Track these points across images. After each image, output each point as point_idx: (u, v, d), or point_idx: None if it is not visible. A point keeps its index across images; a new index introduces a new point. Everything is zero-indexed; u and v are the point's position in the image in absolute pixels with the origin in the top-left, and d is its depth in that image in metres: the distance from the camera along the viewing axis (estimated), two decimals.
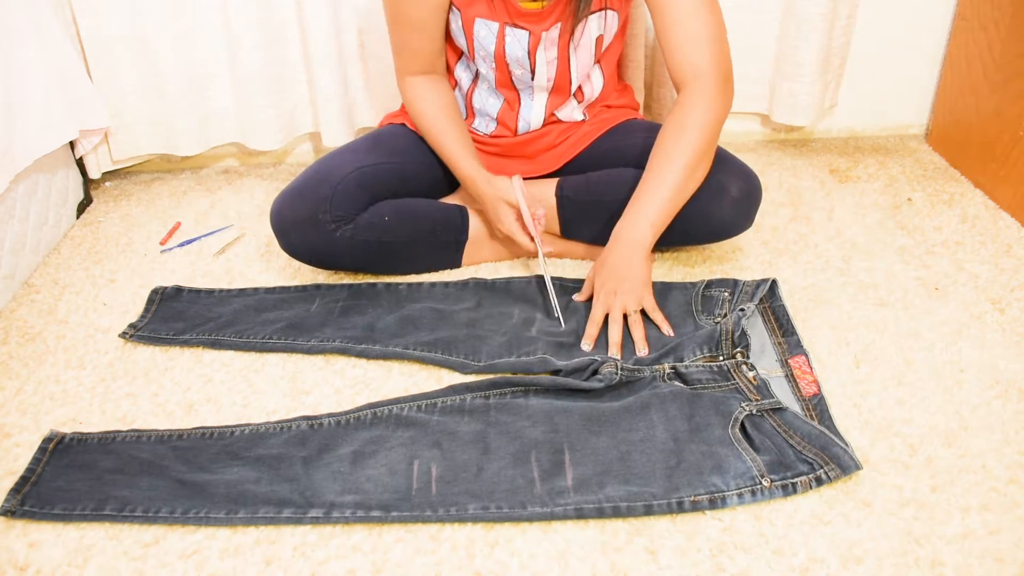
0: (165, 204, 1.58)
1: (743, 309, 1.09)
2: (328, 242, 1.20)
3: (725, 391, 1.01)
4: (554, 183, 1.29)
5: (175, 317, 1.21)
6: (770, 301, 1.16)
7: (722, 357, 1.06)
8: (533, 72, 1.22)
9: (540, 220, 1.20)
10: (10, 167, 1.26)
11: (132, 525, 0.88)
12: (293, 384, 1.08)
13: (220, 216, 1.53)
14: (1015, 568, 0.80)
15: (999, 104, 1.46)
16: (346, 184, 1.20)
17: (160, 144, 1.60)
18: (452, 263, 1.31)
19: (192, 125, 1.58)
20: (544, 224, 1.22)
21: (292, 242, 1.22)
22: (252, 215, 1.52)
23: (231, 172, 1.71)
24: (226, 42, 1.50)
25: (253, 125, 1.58)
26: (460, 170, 1.24)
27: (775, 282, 1.18)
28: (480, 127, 1.32)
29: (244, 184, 1.65)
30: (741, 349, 1.06)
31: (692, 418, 0.96)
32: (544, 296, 1.21)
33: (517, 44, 1.18)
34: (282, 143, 1.61)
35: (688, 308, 1.17)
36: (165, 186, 1.65)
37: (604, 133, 1.33)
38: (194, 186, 1.65)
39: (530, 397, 1.02)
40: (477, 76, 1.27)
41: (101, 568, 0.84)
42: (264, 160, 1.74)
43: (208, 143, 1.62)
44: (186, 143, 1.59)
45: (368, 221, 1.21)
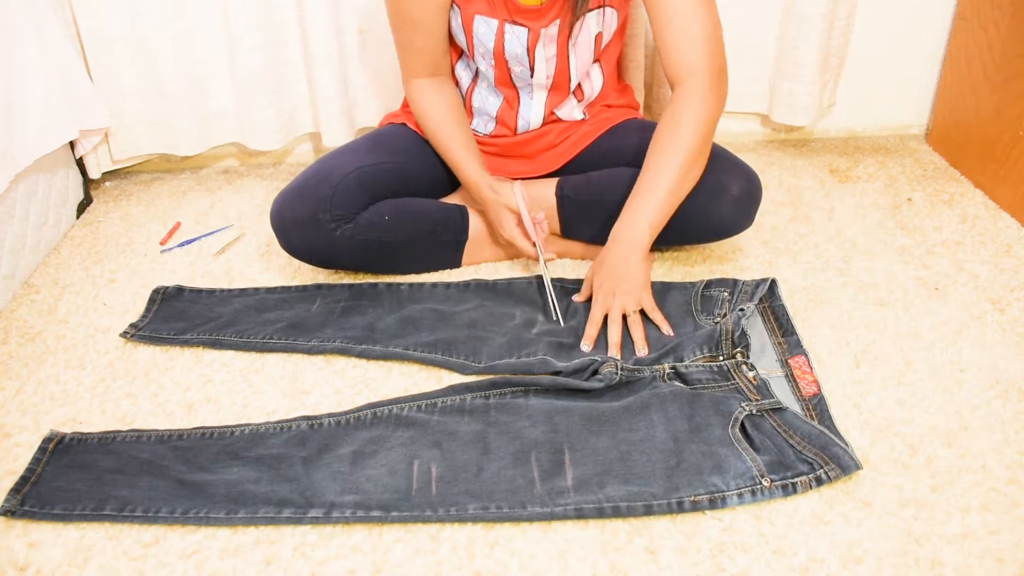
0: (165, 204, 1.58)
1: (743, 309, 1.09)
2: (328, 241, 1.20)
3: (725, 391, 1.01)
4: (554, 183, 1.29)
5: (176, 317, 1.21)
6: (770, 301, 1.16)
7: (722, 357, 1.06)
8: (532, 69, 1.22)
9: (542, 225, 1.20)
10: (10, 167, 1.26)
11: (132, 525, 0.88)
12: (293, 384, 1.08)
13: (220, 216, 1.53)
14: (1015, 568, 0.80)
15: (999, 104, 1.46)
16: (346, 183, 1.20)
17: (160, 144, 1.60)
18: (452, 263, 1.31)
19: (192, 125, 1.58)
20: (547, 230, 1.22)
21: (292, 241, 1.22)
22: (252, 215, 1.52)
23: (231, 172, 1.71)
24: (226, 42, 1.50)
25: (253, 125, 1.58)
26: (464, 173, 1.24)
27: (775, 282, 1.18)
28: (479, 127, 1.32)
29: (244, 184, 1.65)
30: (741, 349, 1.06)
31: (692, 418, 0.96)
32: (545, 298, 1.21)
33: (516, 41, 1.18)
34: (282, 143, 1.61)
35: (688, 308, 1.17)
36: (165, 186, 1.65)
37: (604, 133, 1.33)
38: (194, 186, 1.65)
39: (530, 397, 1.02)
40: (477, 75, 1.27)
41: (101, 568, 0.84)
42: (264, 160, 1.74)
43: (208, 143, 1.62)
44: (186, 143, 1.59)
45: (368, 221, 1.21)
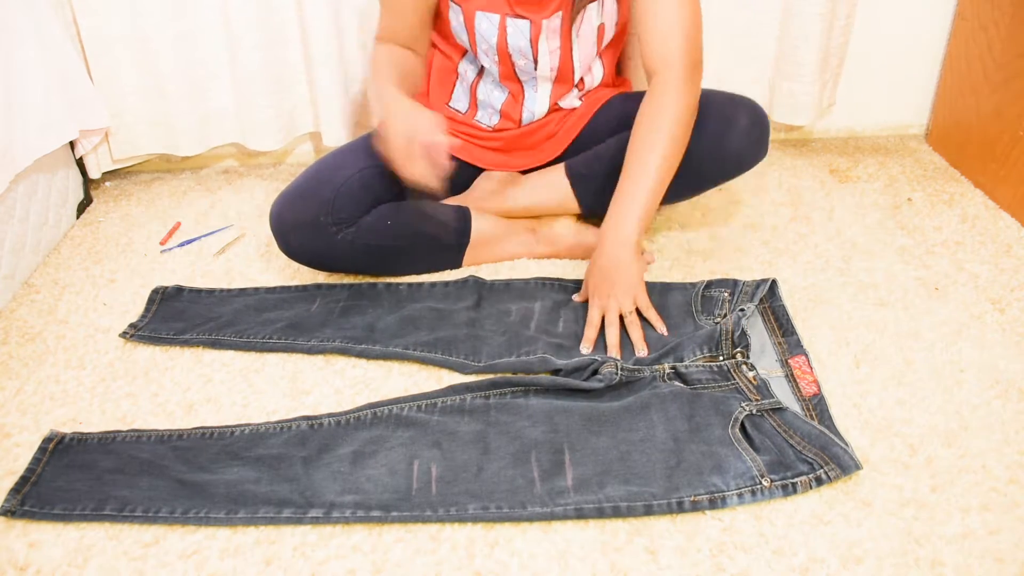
0: (165, 204, 1.58)
1: (743, 309, 1.09)
2: (328, 245, 1.20)
3: (725, 391, 1.01)
4: (561, 167, 1.30)
5: (176, 317, 1.21)
6: (770, 301, 1.16)
7: (722, 357, 1.06)
8: (536, 62, 1.22)
9: (438, 151, 1.05)
10: (10, 167, 1.26)
11: (132, 525, 0.88)
12: (293, 384, 1.08)
13: (220, 216, 1.53)
14: (1015, 568, 0.80)
15: (999, 104, 1.46)
16: (348, 186, 1.19)
17: (160, 144, 1.60)
18: (453, 265, 1.31)
19: (192, 125, 1.58)
20: (443, 165, 1.06)
21: (291, 245, 1.21)
22: (252, 215, 1.52)
23: (231, 172, 1.71)
24: (226, 42, 1.50)
25: (253, 125, 1.58)
26: (377, 90, 1.15)
27: (775, 282, 1.18)
28: (484, 119, 1.32)
29: (244, 184, 1.65)
30: (741, 349, 1.06)
31: (692, 418, 0.96)
32: (543, 296, 1.21)
33: (519, 34, 1.18)
34: (282, 143, 1.61)
35: (688, 308, 1.17)
36: (165, 186, 1.65)
37: (597, 110, 1.33)
38: (194, 186, 1.65)
39: (530, 397, 1.02)
40: (482, 70, 1.28)
41: (101, 568, 0.84)
42: (264, 160, 1.74)
43: (208, 143, 1.62)
44: (186, 143, 1.59)
45: (370, 224, 1.20)
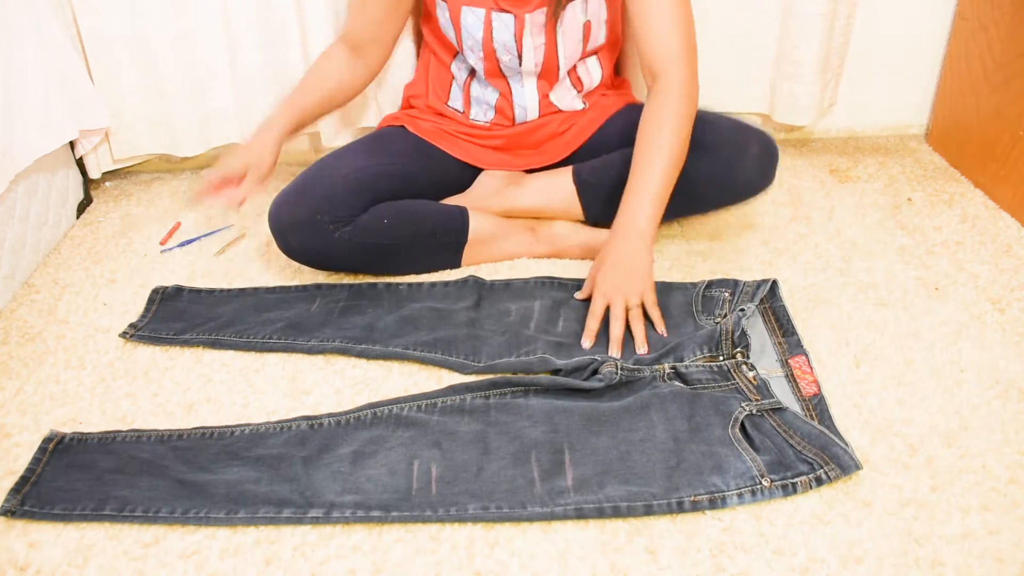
0: (165, 204, 1.58)
1: (743, 309, 1.09)
2: (326, 243, 1.20)
3: (725, 391, 1.01)
4: (569, 171, 1.30)
5: (175, 317, 1.21)
6: (770, 301, 1.16)
7: (722, 357, 1.06)
8: (520, 57, 1.23)
9: (246, 187, 1.19)
10: (10, 167, 1.26)
11: (132, 525, 0.88)
12: (293, 384, 1.08)
13: (220, 216, 1.53)
14: (1015, 568, 0.80)
15: (999, 104, 1.46)
16: (345, 185, 1.20)
17: (160, 144, 1.60)
18: (452, 264, 1.31)
19: (192, 125, 1.57)
20: (246, 192, 1.20)
21: (290, 243, 1.21)
22: (252, 215, 1.52)
23: None
24: (226, 42, 1.50)
25: (253, 125, 1.57)
26: (278, 107, 1.27)
27: (775, 283, 1.18)
28: (479, 116, 1.33)
29: None
30: (741, 349, 1.06)
31: (692, 418, 0.96)
32: (543, 296, 1.21)
33: (504, 28, 1.19)
34: None
35: (688, 308, 1.17)
36: (165, 186, 1.65)
37: (607, 120, 1.34)
38: (194, 186, 1.65)
39: (530, 397, 1.02)
40: (473, 70, 1.28)
41: (101, 568, 0.84)
42: None
43: (208, 143, 1.62)
44: (186, 144, 1.59)
45: (367, 223, 1.21)
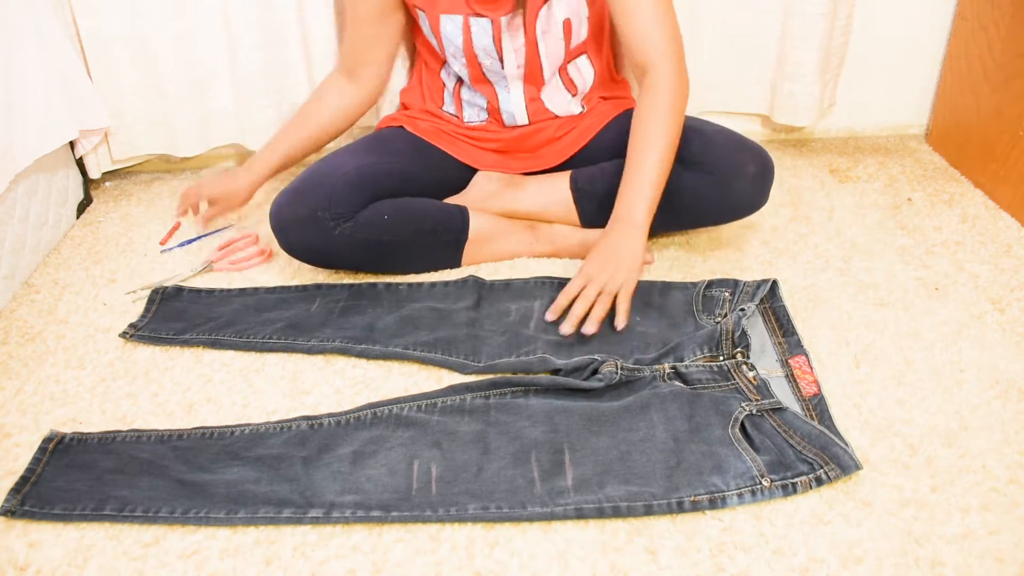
0: (165, 204, 1.58)
1: (743, 309, 1.09)
2: (327, 240, 1.20)
3: (725, 391, 1.01)
4: (566, 176, 1.30)
5: (175, 317, 1.21)
6: (771, 301, 1.16)
7: (722, 357, 1.06)
8: (502, 61, 1.23)
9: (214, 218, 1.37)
10: (10, 167, 1.26)
11: (132, 525, 0.88)
12: (293, 384, 1.08)
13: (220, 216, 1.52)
14: (1015, 568, 0.80)
15: (999, 104, 1.46)
16: (345, 181, 1.20)
17: (160, 144, 1.60)
18: (452, 263, 1.31)
19: (192, 125, 1.57)
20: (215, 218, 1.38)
21: (291, 240, 1.22)
22: (252, 215, 1.52)
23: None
24: (226, 42, 1.50)
25: (253, 125, 1.57)
26: (265, 144, 1.36)
27: (776, 283, 1.18)
28: (472, 117, 1.34)
29: None
30: (741, 349, 1.06)
31: (692, 418, 0.96)
32: (543, 296, 1.21)
33: (483, 33, 1.20)
34: None
35: (689, 308, 1.17)
36: (165, 186, 1.65)
37: (605, 125, 1.34)
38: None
39: (530, 397, 1.02)
40: (461, 77, 1.30)
41: (101, 568, 0.84)
42: None
43: (208, 144, 1.62)
44: (186, 144, 1.59)
45: (367, 219, 1.21)
